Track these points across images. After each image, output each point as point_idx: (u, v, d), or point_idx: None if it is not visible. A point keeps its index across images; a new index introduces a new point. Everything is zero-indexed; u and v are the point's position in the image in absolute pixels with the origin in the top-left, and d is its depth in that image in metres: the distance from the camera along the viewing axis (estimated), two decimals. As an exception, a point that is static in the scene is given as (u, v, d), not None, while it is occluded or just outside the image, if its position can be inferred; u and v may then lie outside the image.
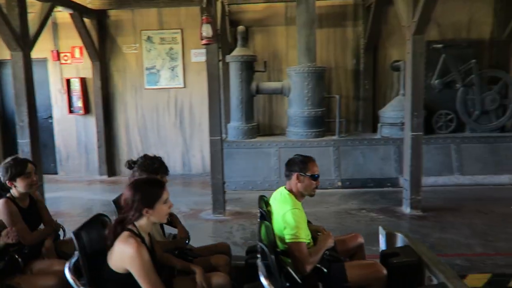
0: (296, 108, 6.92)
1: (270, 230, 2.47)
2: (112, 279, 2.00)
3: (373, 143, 6.92)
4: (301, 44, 6.82)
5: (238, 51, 6.97)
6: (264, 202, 2.83)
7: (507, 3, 7.16)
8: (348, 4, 7.55)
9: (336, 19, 7.59)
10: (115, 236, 1.98)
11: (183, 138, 7.97)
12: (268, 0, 7.47)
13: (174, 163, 7.79)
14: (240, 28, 7.11)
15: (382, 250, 2.92)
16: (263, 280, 2.12)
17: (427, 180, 6.61)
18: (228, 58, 6.92)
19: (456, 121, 7.03)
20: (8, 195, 2.75)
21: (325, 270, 2.47)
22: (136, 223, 2.04)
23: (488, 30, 7.44)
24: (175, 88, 7.82)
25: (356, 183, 6.67)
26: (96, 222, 2.36)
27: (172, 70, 7.80)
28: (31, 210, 2.86)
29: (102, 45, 7.66)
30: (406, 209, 5.44)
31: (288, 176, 2.66)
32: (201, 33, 4.81)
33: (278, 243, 2.55)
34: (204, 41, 4.86)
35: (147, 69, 7.83)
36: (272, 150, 6.84)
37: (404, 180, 5.49)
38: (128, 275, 1.93)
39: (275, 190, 2.82)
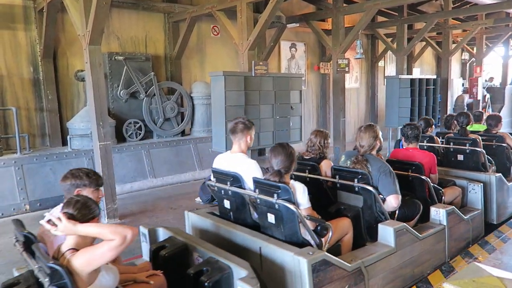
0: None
1: None
2: None
3: (63, 157, 6.49)
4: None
5: None
6: None
7: (173, 25, 8.31)
8: (16, 5, 6.64)
9: (3, 21, 6.55)
10: None
11: None
12: None
13: None
14: None
15: (151, 246, 2.99)
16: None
17: (124, 187, 6.83)
18: None
19: (144, 128, 7.59)
20: None
21: None
22: None
23: (162, 46, 8.39)
24: None
25: (49, 203, 6.01)
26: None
27: None
28: None
29: None
30: (104, 219, 5.37)
31: None
32: None
33: None
34: None
35: None
36: None
37: (99, 191, 5.39)
38: None
39: None
